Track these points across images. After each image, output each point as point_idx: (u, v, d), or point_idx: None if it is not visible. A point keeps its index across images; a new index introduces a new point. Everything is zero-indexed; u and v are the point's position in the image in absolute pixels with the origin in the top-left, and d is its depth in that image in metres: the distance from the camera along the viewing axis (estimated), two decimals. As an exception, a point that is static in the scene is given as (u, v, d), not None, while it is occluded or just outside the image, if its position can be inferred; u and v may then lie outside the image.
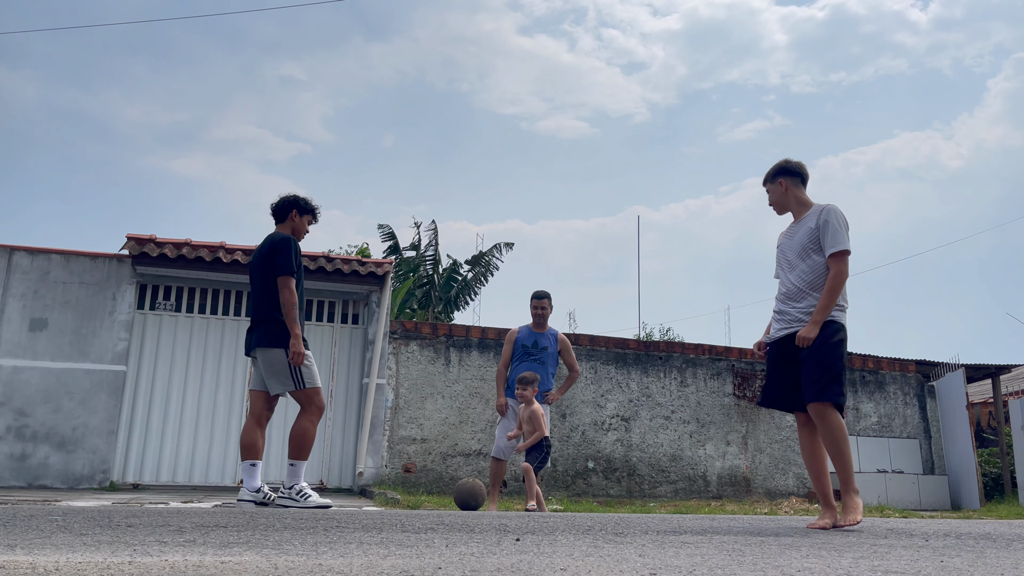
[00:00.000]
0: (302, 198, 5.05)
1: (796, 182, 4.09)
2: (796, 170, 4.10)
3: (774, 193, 4.14)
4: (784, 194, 4.10)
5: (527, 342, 6.20)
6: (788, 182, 4.09)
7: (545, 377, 6.14)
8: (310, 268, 8.77)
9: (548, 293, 6.33)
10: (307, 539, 2.48)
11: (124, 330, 8.50)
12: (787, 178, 4.09)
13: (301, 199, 5.04)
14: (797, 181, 4.10)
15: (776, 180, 4.12)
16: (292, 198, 5.04)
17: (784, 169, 4.11)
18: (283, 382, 4.67)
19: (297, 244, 4.88)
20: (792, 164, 4.12)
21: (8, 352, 8.17)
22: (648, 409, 10.38)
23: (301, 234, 5.04)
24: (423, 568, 1.89)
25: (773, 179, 4.14)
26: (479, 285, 19.09)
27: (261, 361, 4.74)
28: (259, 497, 4.70)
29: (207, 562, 1.89)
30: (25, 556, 1.92)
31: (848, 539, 3.06)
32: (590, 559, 2.15)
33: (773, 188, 4.14)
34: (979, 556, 2.53)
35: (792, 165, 4.12)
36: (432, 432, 9.43)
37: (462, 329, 9.97)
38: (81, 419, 8.17)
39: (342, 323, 9.44)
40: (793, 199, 4.09)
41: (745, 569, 2.03)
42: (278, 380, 4.69)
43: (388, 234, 18.93)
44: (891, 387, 11.64)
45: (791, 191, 4.09)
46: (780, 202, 4.13)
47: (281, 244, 4.75)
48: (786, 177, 4.09)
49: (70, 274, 8.52)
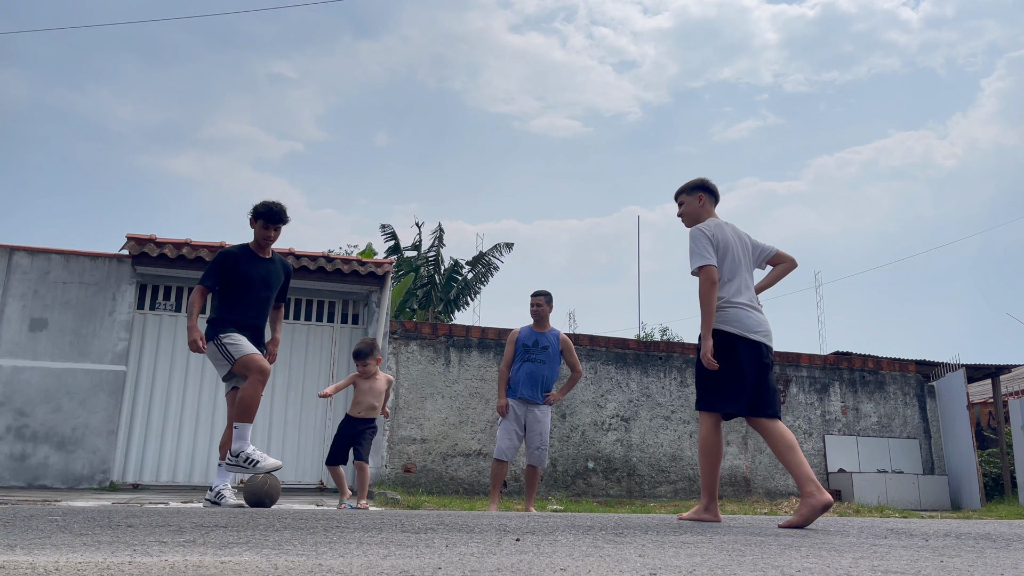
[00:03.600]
0: (258, 204, 5.05)
1: (711, 199, 4.34)
2: (713, 190, 4.36)
3: (690, 205, 4.34)
4: (700, 208, 4.31)
5: (528, 342, 6.18)
6: (705, 197, 4.32)
7: (547, 377, 6.12)
8: (310, 268, 8.77)
9: (547, 292, 6.31)
10: (307, 539, 2.48)
11: (124, 330, 8.50)
12: (705, 194, 4.33)
13: (256, 205, 5.05)
14: (712, 199, 4.35)
15: (695, 193, 4.34)
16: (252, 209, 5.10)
17: (703, 185, 4.35)
18: (221, 367, 4.90)
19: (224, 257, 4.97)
20: (710, 183, 4.38)
21: (8, 352, 8.17)
22: (648, 409, 10.38)
23: (258, 239, 5.08)
24: (423, 568, 1.89)
25: (692, 192, 4.35)
26: (479, 285, 19.09)
27: None
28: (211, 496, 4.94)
29: (207, 562, 1.89)
30: (25, 556, 1.92)
31: (848, 539, 3.06)
32: (590, 559, 2.15)
33: (690, 200, 4.34)
34: (979, 556, 2.53)
35: (710, 184, 4.38)
36: (432, 432, 9.43)
37: (462, 329, 9.96)
38: (81, 419, 8.16)
39: (342, 323, 9.44)
40: (705, 215, 4.31)
41: (745, 569, 2.03)
42: (218, 367, 4.93)
43: (390, 234, 18.95)
44: (891, 387, 11.63)
45: (706, 207, 4.31)
46: (694, 214, 4.32)
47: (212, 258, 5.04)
48: (705, 193, 4.33)
49: (70, 274, 8.52)
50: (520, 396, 6.06)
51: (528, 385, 6.05)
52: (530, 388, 6.05)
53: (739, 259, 4.11)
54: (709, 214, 4.28)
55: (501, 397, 6.13)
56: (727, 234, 4.14)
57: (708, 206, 4.30)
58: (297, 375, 9.09)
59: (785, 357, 11.26)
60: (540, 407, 6.08)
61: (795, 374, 11.21)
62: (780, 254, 4.31)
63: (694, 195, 4.31)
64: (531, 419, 6.06)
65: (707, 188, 4.32)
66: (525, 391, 6.05)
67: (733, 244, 4.12)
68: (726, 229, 4.17)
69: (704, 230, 4.09)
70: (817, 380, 11.31)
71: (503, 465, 6.11)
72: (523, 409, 6.07)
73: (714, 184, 4.36)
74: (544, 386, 6.09)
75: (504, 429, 6.09)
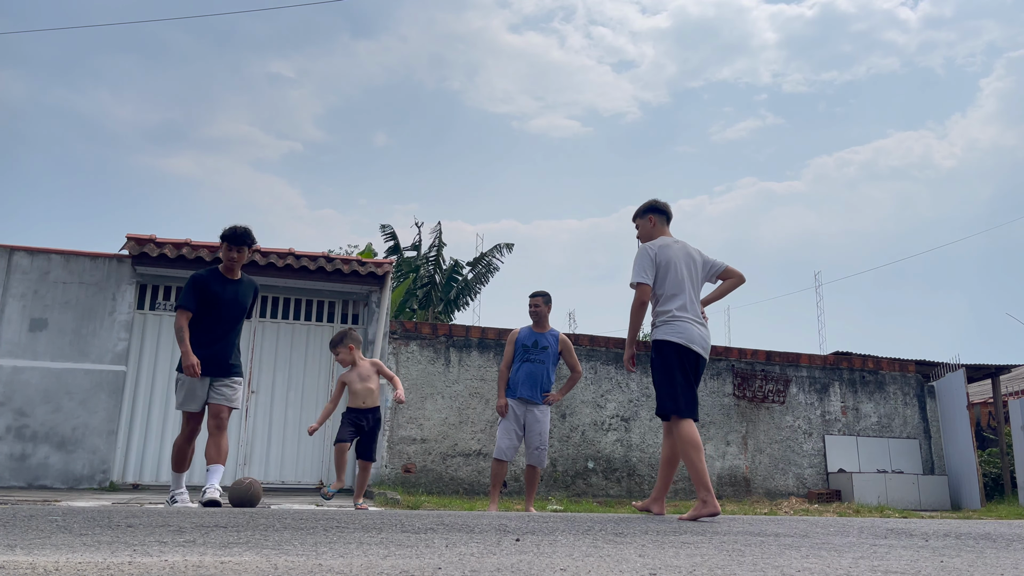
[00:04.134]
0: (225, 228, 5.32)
1: (662, 219, 4.64)
2: (663, 209, 4.65)
3: (643, 227, 4.65)
4: (652, 229, 4.61)
5: (527, 342, 6.18)
6: (656, 218, 4.62)
7: (546, 377, 6.12)
8: (310, 268, 8.77)
9: (545, 292, 6.32)
10: (307, 539, 2.48)
11: (124, 330, 8.50)
12: (655, 215, 4.63)
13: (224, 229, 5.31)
14: (663, 219, 4.64)
15: (646, 216, 4.64)
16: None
17: (653, 208, 4.64)
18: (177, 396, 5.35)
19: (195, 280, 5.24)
20: (660, 204, 4.66)
21: (8, 352, 8.17)
22: (648, 409, 10.38)
23: (233, 263, 5.33)
24: (423, 568, 1.89)
25: (643, 215, 4.65)
26: (480, 285, 19.09)
27: None
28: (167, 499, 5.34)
29: (207, 562, 1.89)
30: (25, 556, 1.92)
31: (848, 539, 3.06)
32: (590, 559, 2.15)
33: (643, 223, 4.65)
34: (979, 556, 2.53)
35: (660, 204, 4.66)
36: (432, 432, 9.43)
37: (462, 329, 9.96)
38: (81, 419, 8.16)
39: (342, 323, 9.43)
40: (657, 234, 4.60)
41: (745, 569, 2.03)
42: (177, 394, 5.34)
43: (390, 234, 18.95)
44: (891, 387, 11.63)
45: (658, 227, 4.62)
46: (647, 235, 4.63)
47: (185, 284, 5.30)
48: (655, 214, 4.63)
49: (70, 274, 8.52)
50: (520, 396, 6.07)
51: (527, 385, 6.06)
52: (529, 388, 6.05)
53: (683, 276, 4.38)
54: (661, 233, 4.60)
55: (501, 397, 6.14)
56: (672, 253, 4.42)
57: (659, 226, 4.62)
58: (297, 375, 9.09)
59: (785, 357, 11.26)
60: (539, 407, 6.09)
61: (795, 374, 11.21)
62: (729, 269, 4.56)
63: (645, 218, 4.64)
64: (530, 419, 6.06)
65: (657, 209, 4.62)
66: (524, 391, 6.05)
67: (677, 262, 4.40)
68: (674, 248, 4.46)
69: (649, 249, 4.41)
70: (817, 380, 11.31)
71: (503, 465, 6.11)
72: (522, 409, 6.08)
73: (664, 203, 4.66)
74: (543, 386, 6.09)
75: (504, 429, 6.10)
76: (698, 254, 4.55)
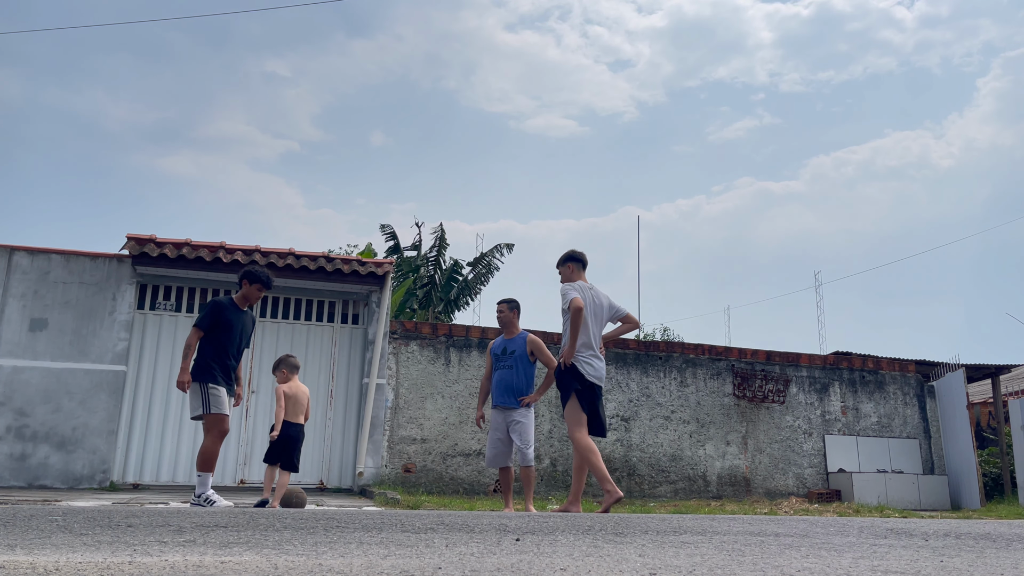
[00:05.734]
0: (253, 270, 5.90)
1: (579, 266, 5.65)
2: (579, 258, 5.67)
3: (564, 274, 5.65)
4: (571, 274, 5.60)
5: (497, 351, 6.28)
6: (574, 266, 5.62)
7: (520, 381, 6.13)
8: (310, 268, 8.77)
9: (511, 299, 6.38)
10: (307, 539, 2.48)
11: (124, 330, 8.50)
12: (574, 263, 5.63)
13: (251, 271, 5.89)
14: (580, 266, 5.65)
15: (566, 264, 5.65)
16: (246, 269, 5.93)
17: (572, 257, 5.65)
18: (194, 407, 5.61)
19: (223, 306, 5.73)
20: (577, 253, 5.68)
21: (8, 352, 8.17)
22: (648, 409, 10.38)
23: (248, 297, 5.89)
24: (423, 568, 1.89)
25: (564, 263, 5.67)
26: (480, 285, 19.08)
27: None
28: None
29: (207, 562, 1.89)
30: (25, 556, 1.92)
31: (848, 539, 3.06)
32: (590, 559, 2.15)
33: (564, 270, 5.66)
34: (979, 556, 2.53)
35: (577, 254, 5.67)
36: (432, 432, 9.43)
37: (462, 329, 9.96)
38: (81, 419, 8.16)
39: (342, 323, 9.44)
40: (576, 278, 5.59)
41: (745, 569, 2.04)
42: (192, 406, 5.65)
43: (390, 234, 18.95)
44: (891, 387, 11.63)
45: (575, 272, 5.61)
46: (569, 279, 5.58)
47: (206, 307, 5.76)
48: (573, 263, 5.63)
49: (70, 274, 8.52)
50: (496, 404, 6.14)
51: (500, 391, 6.16)
52: (502, 394, 6.15)
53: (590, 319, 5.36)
54: (579, 278, 5.62)
55: (478, 409, 6.28)
56: (587, 296, 5.39)
57: (576, 272, 5.63)
58: (297, 375, 9.09)
59: (785, 357, 11.26)
60: (516, 410, 6.12)
61: (795, 374, 11.21)
62: (629, 316, 5.56)
63: (566, 266, 5.65)
64: (511, 423, 6.11)
65: (574, 259, 5.65)
66: (498, 398, 6.16)
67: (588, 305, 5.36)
68: (587, 292, 5.43)
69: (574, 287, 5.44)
70: (817, 380, 11.31)
71: (502, 472, 6.19)
72: (502, 416, 6.12)
73: (581, 253, 5.68)
74: (518, 390, 6.11)
75: (490, 439, 6.22)
76: (606, 298, 5.53)
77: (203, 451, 5.54)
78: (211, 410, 5.53)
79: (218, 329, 5.69)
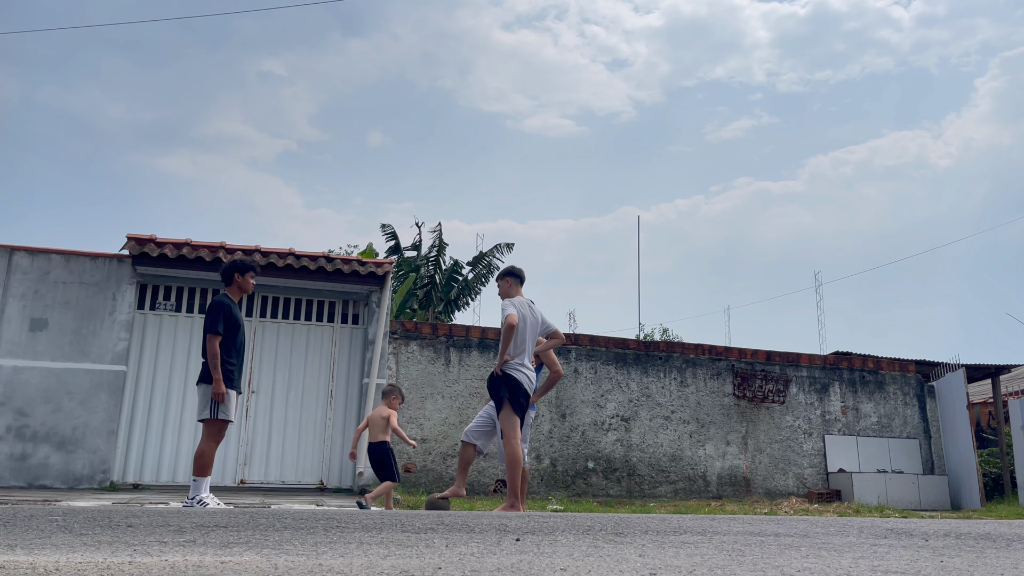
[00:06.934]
0: (240, 260, 5.84)
1: (516, 281, 5.85)
2: (517, 273, 5.89)
3: (502, 288, 5.84)
4: (509, 288, 5.80)
5: None
6: (512, 280, 5.82)
7: None
8: (310, 268, 8.77)
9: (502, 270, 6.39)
10: (307, 539, 2.48)
11: (124, 330, 8.50)
12: (512, 278, 5.83)
13: (239, 262, 5.83)
14: (517, 281, 5.86)
15: (504, 279, 5.86)
16: (231, 263, 5.85)
17: (510, 272, 5.87)
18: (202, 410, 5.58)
19: (227, 305, 5.66)
20: (515, 269, 5.91)
21: (8, 352, 8.17)
22: (648, 409, 10.38)
23: (244, 288, 5.85)
24: (423, 568, 1.89)
25: (503, 278, 5.87)
26: (480, 285, 19.08)
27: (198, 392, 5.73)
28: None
29: (207, 562, 1.89)
30: (25, 556, 1.93)
31: (848, 539, 3.06)
32: (590, 559, 2.15)
33: (502, 284, 5.85)
34: (979, 556, 2.53)
35: (515, 270, 5.90)
36: (432, 432, 9.42)
37: (462, 329, 9.96)
38: (81, 419, 8.16)
39: (342, 323, 9.43)
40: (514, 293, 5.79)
41: (745, 569, 2.04)
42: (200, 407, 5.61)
43: (390, 234, 18.95)
44: (891, 387, 11.63)
45: (513, 287, 5.81)
46: (504, 294, 5.81)
47: (211, 307, 5.67)
48: (511, 277, 5.84)
49: (70, 274, 8.52)
50: None
51: None
52: None
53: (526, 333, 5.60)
54: (517, 292, 5.84)
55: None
56: (524, 311, 5.65)
57: (514, 287, 5.82)
58: (297, 375, 9.09)
59: (785, 357, 11.26)
60: None
61: (795, 374, 11.21)
62: (556, 332, 5.80)
63: (504, 280, 5.85)
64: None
65: (512, 274, 5.87)
66: None
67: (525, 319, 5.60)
68: (524, 308, 5.67)
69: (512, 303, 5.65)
70: (817, 380, 11.31)
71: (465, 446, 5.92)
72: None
73: (519, 269, 5.91)
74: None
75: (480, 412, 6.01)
76: (540, 314, 5.79)
77: (199, 454, 5.51)
78: (219, 415, 5.53)
79: (228, 330, 5.66)
